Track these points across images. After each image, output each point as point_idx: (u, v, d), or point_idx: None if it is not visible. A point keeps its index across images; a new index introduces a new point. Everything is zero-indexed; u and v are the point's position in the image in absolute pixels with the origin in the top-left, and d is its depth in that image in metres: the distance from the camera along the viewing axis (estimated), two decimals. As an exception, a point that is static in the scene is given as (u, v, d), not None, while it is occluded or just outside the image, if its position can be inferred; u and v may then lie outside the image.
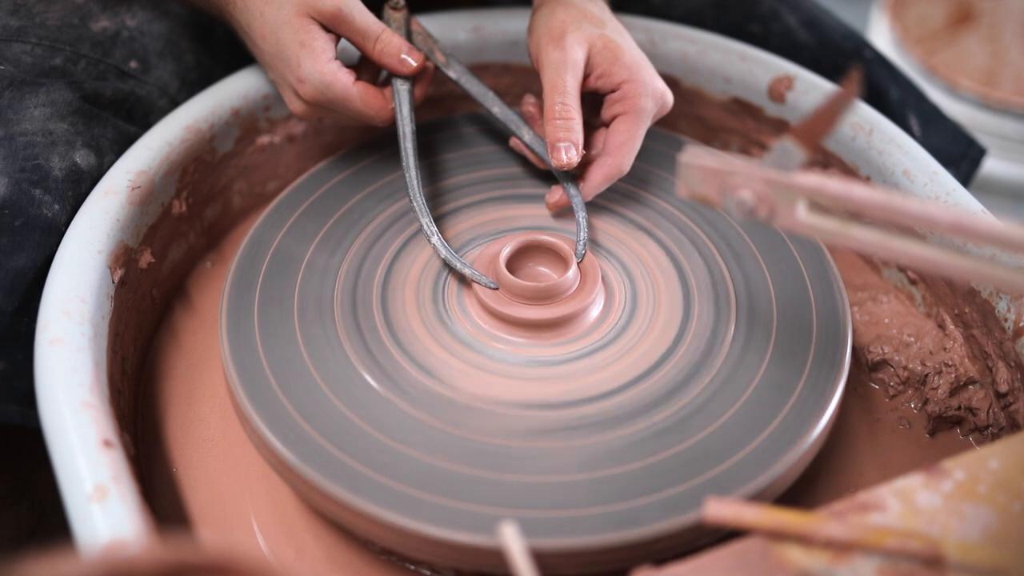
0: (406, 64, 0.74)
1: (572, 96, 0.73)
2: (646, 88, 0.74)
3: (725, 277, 0.73)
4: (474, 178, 0.80)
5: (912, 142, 0.80)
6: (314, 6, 0.71)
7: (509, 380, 0.67)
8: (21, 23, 0.81)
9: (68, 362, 0.63)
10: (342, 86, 0.71)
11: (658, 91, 0.74)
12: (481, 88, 0.78)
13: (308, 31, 0.71)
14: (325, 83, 0.71)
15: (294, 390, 0.65)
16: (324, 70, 0.71)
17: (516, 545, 0.48)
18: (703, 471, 0.61)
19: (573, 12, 0.75)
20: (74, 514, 0.56)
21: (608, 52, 0.74)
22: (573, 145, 0.72)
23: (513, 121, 0.77)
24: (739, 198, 0.56)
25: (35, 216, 0.72)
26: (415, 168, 0.75)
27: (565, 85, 0.72)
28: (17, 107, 0.76)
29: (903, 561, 0.48)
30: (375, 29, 0.73)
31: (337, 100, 0.72)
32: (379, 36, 0.73)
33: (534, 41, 0.76)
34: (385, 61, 0.74)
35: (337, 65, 0.72)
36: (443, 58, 0.78)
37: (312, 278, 0.72)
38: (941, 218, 0.50)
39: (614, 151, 0.73)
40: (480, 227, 0.77)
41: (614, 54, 0.73)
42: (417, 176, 0.74)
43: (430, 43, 0.78)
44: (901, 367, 0.76)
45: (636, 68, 0.74)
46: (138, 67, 0.83)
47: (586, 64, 0.74)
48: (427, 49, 0.78)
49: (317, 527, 0.66)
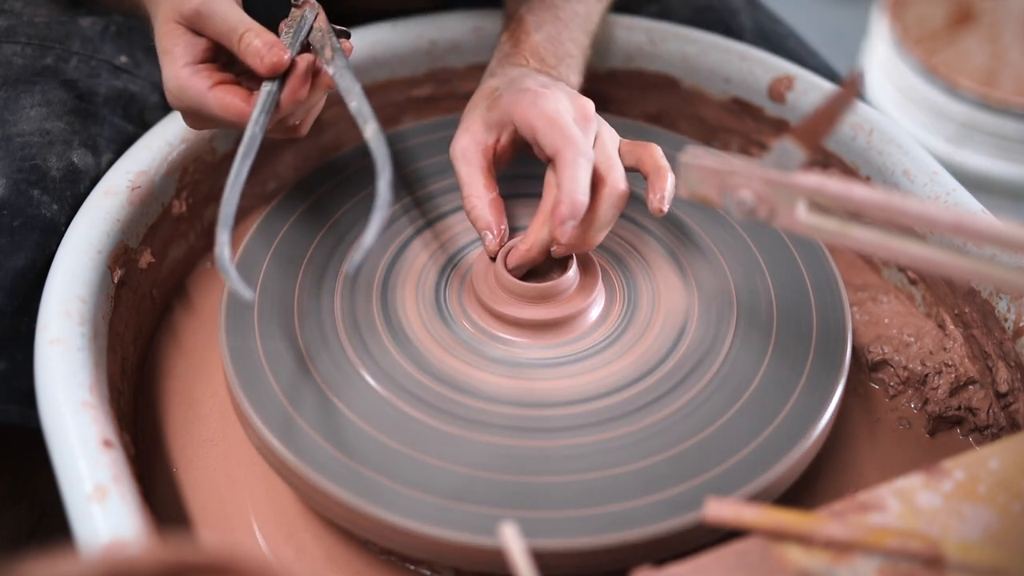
0: (265, 61, 0.66)
1: (472, 183, 0.72)
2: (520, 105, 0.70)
3: (725, 277, 0.73)
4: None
5: (912, 142, 0.80)
6: (178, 9, 0.67)
7: (509, 380, 0.67)
8: (9, 23, 0.81)
9: (68, 362, 0.63)
10: (196, 91, 0.66)
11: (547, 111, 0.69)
12: (350, 83, 0.70)
13: (172, 36, 0.67)
14: (180, 88, 0.67)
15: (294, 390, 0.65)
16: (179, 75, 0.67)
17: (516, 545, 0.48)
18: (703, 471, 0.61)
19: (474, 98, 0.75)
20: (74, 514, 0.56)
21: (493, 108, 0.72)
22: (486, 230, 0.72)
23: (362, 115, 0.69)
24: (739, 198, 0.56)
25: (34, 216, 0.72)
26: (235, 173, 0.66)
27: (462, 174, 0.72)
28: (13, 108, 0.76)
29: (903, 561, 0.48)
30: (238, 28, 0.67)
31: (194, 106, 0.67)
32: (242, 34, 0.67)
33: None
34: (248, 60, 0.67)
35: (193, 69, 0.67)
36: (330, 54, 0.70)
37: (312, 278, 0.72)
38: (941, 218, 0.50)
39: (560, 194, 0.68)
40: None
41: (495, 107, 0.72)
42: (237, 182, 0.66)
43: (324, 40, 0.71)
44: (901, 367, 0.76)
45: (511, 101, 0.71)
46: (129, 62, 0.83)
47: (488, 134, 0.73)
48: (319, 46, 0.71)
49: (317, 527, 0.66)
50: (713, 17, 0.96)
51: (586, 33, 0.82)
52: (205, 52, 0.68)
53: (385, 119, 0.92)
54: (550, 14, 0.80)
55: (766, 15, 1.01)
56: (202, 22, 0.67)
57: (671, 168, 0.70)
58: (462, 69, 0.92)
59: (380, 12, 0.91)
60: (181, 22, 0.67)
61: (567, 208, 0.65)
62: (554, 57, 0.79)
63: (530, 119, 0.69)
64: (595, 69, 0.88)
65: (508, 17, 0.83)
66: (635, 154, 0.71)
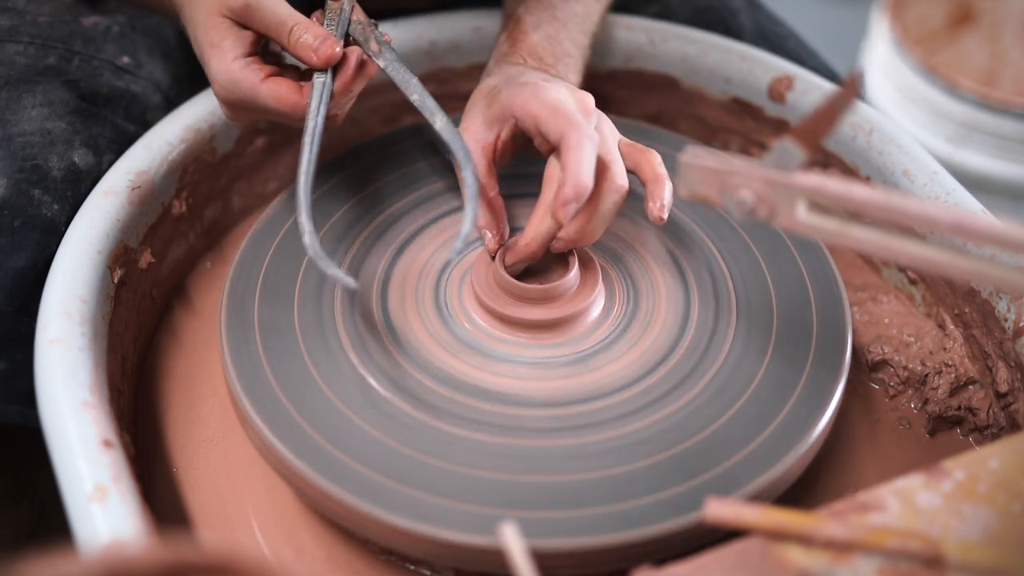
0: (319, 54, 0.69)
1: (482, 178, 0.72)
2: (519, 97, 0.71)
3: (725, 277, 0.73)
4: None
5: (912, 142, 0.80)
6: (225, 3, 0.68)
7: (509, 380, 0.67)
8: (12, 22, 0.81)
9: (68, 362, 0.63)
10: (248, 84, 0.68)
11: (549, 100, 0.69)
12: (406, 76, 0.72)
13: (218, 30, 0.68)
14: (231, 81, 0.68)
15: (294, 390, 0.65)
16: (230, 68, 0.68)
17: (516, 545, 0.48)
18: (703, 471, 0.61)
19: (473, 97, 0.75)
20: (74, 514, 0.56)
21: (493, 104, 0.72)
22: (485, 228, 0.73)
23: (428, 108, 0.72)
24: (739, 198, 0.56)
25: (35, 216, 0.72)
26: (309, 164, 0.69)
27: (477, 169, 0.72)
28: (15, 107, 0.76)
29: (903, 561, 0.48)
30: (288, 21, 0.68)
31: (246, 99, 0.69)
32: (292, 28, 0.68)
33: None
34: (299, 53, 0.69)
35: (245, 62, 0.68)
36: (377, 47, 0.73)
37: (312, 278, 0.72)
38: (941, 218, 0.50)
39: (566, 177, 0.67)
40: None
41: (494, 103, 0.72)
42: (309, 174, 0.69)
43: (368, 32, 0.73)
44: (901, 367, 0.76)
45: (510, 94, 0.71)
46: (131, 62, 0.83)
47: (488, 131, 0.73)
48: (363, 39, 0.73)
49: (317, 527, 0.66)
50: (713, 17, 0.96)
51: (585, 33, 0.82)
52: (252, 45, 0.69)
53: (384, 119, 0.92)
54: (548, 14, 0.80)
55: (766, 15, 1.01)
56: (251, 16, 0.68)
57: (669, 176, 0.70)
58: (462, 69, 0.92)
59: (380, 12, 0.91)
60: (228, 15, 0.68)
61: (571, 189, 0.65)
62: (552, 56, 0.79)
63: (532, 109, 0.69)
64: (595, 69, 0.88)
65: (507, 17, 0.83)
66: (634, 158, 0.71)
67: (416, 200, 0.78)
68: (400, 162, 0.80)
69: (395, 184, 0.79)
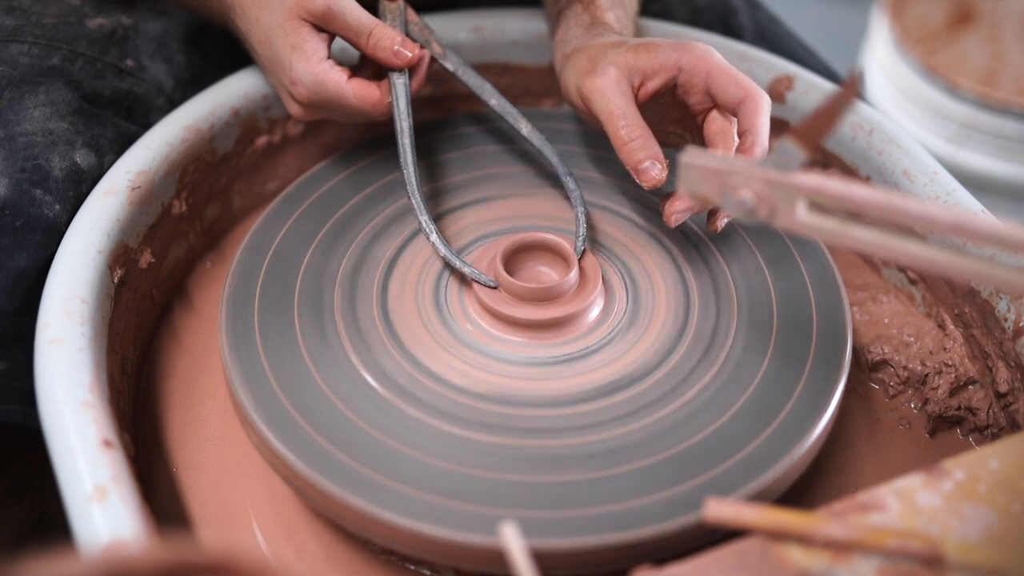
0: (401, 56, 0.73)
1: (630, 115, 0.69)
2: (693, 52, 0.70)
3: (725, 277, 0.73)
4: (475, 177, 0.80)
5: (912, 142, 0.80)
6: (304, 7, 0.71)
7: (509, 380, 0.67)
8: (17, 22, 0.82)
9: (68, 362, 0.63)
10: (335, 84, 0.71)
11: (720, 62, 0.70)
12: (479, 80, 0.77)
13: (299, 33, 0.71)
14: (318, 83, 0.71)
15: (294, 390, 0.65)
16: (316, 70, 0.71)
17: (516, 545, 0.48)
18: (703, 471, 0.61)
19: (594, 50, 0.73)
20: (74, 514, 0.56)
21: (644, 52, 0.71)
22: (654, 159, 0.69)
23: (511, 114, 0.77)
24: (739, 198, 0.56)
25: (36, 216, 0.72)
26: (413, 164, 0.74)
27: (617, 107, 0.69)
28: (17, 107, 0.76)
29: (903, 561, 0.48)
30: (367, 24, 0.72)
31: (331, 99, 0.72)
32: (372, 31, 0.73)
33: (572, 89, 0.73)
34: (379, 55, 0.73)
35: (329, 64, 0.72)
36: (440, 49, 0.77)
37: (312, 278, 0.72)
38: (941, 218, 0.50)
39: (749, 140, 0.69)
40: (481, 226, 0.77)
41: (649, 51, 0.71)
42: (415, 172, 0.74)
43: (427, 34, 0.77)
44: (901, 367, 0.76)
45: (675, 47, 0.70)
46: (134, 65, 0.83)
47: (632, 76, 0.71)
48: (423, 40, 0.77)
49: (317, 527, 0.66)
50: (713, 17, 0.97)
51: (633, 20, 0.84)
52: (329, 48, 0.72)
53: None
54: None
55: (766, 15, 1.01)
56: (331, 20, 0.71)
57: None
58: (462, 69, 0.92)
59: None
60: (308, 19, 0.71)
61: (760, 150, 0.67)
62: (628, 32, 0.80)
63: (707, 66, 0.69)
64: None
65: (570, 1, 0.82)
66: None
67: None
68: (395, 166, 0.80)
69: (396, 183, 0.79)
